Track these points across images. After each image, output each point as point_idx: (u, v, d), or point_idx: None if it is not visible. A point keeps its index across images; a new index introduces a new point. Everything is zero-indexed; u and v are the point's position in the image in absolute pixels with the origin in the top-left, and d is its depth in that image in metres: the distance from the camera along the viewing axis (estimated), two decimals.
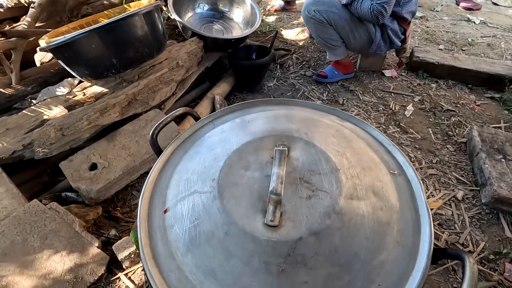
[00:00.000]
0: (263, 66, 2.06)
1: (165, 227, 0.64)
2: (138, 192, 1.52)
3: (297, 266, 0.54)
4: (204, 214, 0.61)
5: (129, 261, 1.18)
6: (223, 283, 0.54)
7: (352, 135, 0.76)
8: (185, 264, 0.58)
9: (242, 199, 0.61)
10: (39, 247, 1.09)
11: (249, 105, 0.91)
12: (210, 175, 0.66)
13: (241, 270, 0.54)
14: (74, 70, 1.49)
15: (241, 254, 0.55)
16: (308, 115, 0.83)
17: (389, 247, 0.57)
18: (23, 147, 1.38)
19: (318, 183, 0.62)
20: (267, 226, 0.57)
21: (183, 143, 0.83)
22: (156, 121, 1.63)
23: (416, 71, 2.35)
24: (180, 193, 0.67)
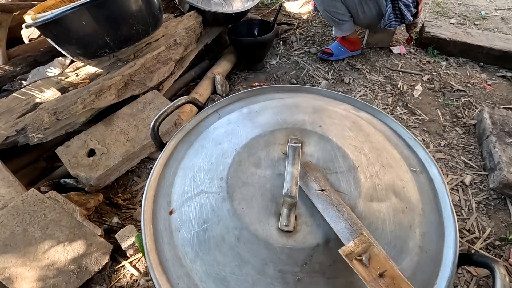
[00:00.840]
0: (266, 43, 1.95)
1: (172, 230, 0.60)
2: (139, 178, 1.48)
3: (315, 275, 0.50)
4: (213, 217, 0.57)
5: (133, 250, 1.17)
6: None
7: (370, 128, 0.71)
8: (195, 271, 0.55)
9: (253, 200, 0.57)
10: (40, 238, 1.07)
11: (257, 93, 0.85)
12: (218, 173, 0.61)
13: (255, 279, 0.51)
14: (65, 49, 1.39)
15: (255, 261, 0.52)
16: (321, 104, 0.77)
17: (411, 253, 0.54)
18: (17, 133, 1.32)
19: (335, 183, 0.58)
20: (281, 232, 0.53)
21: (187, 135, 0.78)
22: (154, 103, 1.55)
23: (426, 48, 2.24)
24: (186, 192, 0.63)
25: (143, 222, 0.61)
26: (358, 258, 0.46)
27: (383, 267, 0.45)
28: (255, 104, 0.79)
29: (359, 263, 0.46)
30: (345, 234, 0.50)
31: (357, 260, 0.46)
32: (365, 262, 0.46)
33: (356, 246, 0.47)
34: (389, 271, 0.45)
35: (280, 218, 0.54)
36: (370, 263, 0.46)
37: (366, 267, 0.45)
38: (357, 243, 0.47)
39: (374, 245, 0.47)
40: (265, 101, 0.80)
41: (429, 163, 0.67)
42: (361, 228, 0.50)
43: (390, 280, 0.44)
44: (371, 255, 0.46)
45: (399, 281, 0.44)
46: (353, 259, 0.46)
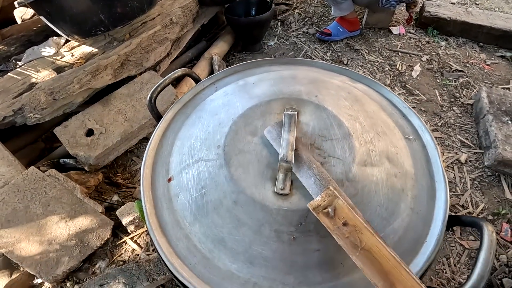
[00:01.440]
0: (264, 22, 1.92)
1: (170, 196, 0.62)
2: (138, 157, 1.49)
3: (309, 234, 0.53)
4: (211, 183, 0.58)
5: (133, 226, 1.19)
6: (234, 251, 0.54)
7: (365, 98, 0.71)
8: (193, 233, 0.57)
9: (250, 166, 0.58)
10: (42, 214, 1.08)
11: (253, 65, 0.84)
12: (215, 142, 0.63)
13: (252, 239, 0.53)
14: (59, 28, 1.37)
15: (251, 223, 0.54)
16: (317, 75, 0.77)
17: (403, 214, 0.56)
18: (14, 113, 1.31)
19: (330, 149, 0.59)
20: (277, 195, 0.55)
21: (184, 107, 0.78)
22: (152, 83, 1.54)
23: (426, 28, 2.21)
24: (184, 160, 0.64)
25: (143, 188, 0.62)
26: (324, 211, 0.49)
27: (346, 217, 0.48)
28: (251, 76, 0.79)
29: (325, 215, 0.49)
30: (314, 189, 0.52)
31: (323, 213, 0.49)
32: (331, 214, 0.49)
33: (323, 199, 0.50)
34: (352, 220, 0.48)
35: (276, 183, 0.55)
36: (335, 214, 0.49)
37: (332, 218, 0.49)
38: (323, 197, 0.50)
39: (339, 197, 0.50)
40: (261, 73, 0.80)
41: (423, 130, 0.68)
42: (329, 182, 0.53)
43: (352, 228, 0.48)
44: (336, 207, 0.49)
45: (360, 228, 0.48)
46: (319, 212, 0.49)
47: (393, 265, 0.44)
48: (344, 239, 0.47)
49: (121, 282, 0.99)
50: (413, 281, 0.43)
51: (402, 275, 0.44)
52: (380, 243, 0.47)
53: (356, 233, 0.47)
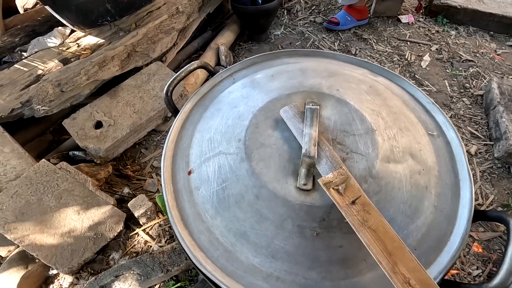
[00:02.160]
0: (271, 11, 1.88)
1: (191, 189, 0.62)
2: (147, 150, 1.49)
3: (332, 231, 0.53)
4: (232, 177, 0.58)
5: (145, 218, 1.20)
6: (256, 245, 0.54)
7: (387, 92, 0.70)
8: (215, 226, 0.57)
9: (271, 161, 0.58)
10: (55, 207, 1.09)
11: (271, 57, 0.83)
12: (235, 135, 0.62)
13: (274, 233, 0.53)
14: (64, 18, 1.34)
15: (274, 217, 0.54)
16: (337, 68, 0.75)
17: (427, 212, 0.55)
18: (22, 105, 1.30)
19: (353, 145, 0.58)
20: (299, 190, 0.54)
21: (202, 99, 0.77)
22: (159, 75, 1.52)
23: (435, 16, 2.16)
24: (204, 153, 0.64)
25: (164, 181, 0.62)
26: (335, 188, 0.50)
27: (356, 195, 0.49)
28: (270, 68, 0.78)
29: (336, 191, 0.50)
30: (325, 169, 0.53)
31: (334, 189, 0.50)
32: (341, 191, 0.50)
33: (335, 177, 0.51)
34: (361, 199, 0.50)
35: (298, 178, 0.55)
36: (345, 192, 0.50)
37: (342, 195, 0.50)
38: (335, 175, 0.51)
39: (351, 177, 0.51)
40: (280, 65, 0.78)
41: (447, 127, 0.67)
42: (340, 164, 0.53)
43: (360, 207, 0.49)
44: (347, 185, 0.51)
45: (369, 207, 0.49)
46: (330, 188, 0.50)
47: (397, 246, 0.46)
48: (352, 216, 0.48)
49: (136, 273, 1.01)
50: (414, 263, 0.45)
51: (405, 256, 0.45)
52: (386, 224, 0.48)
53: (364, 213, 0.48)
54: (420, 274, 0.44)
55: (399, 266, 0.44)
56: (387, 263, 0.44)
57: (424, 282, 0.43)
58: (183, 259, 1.04)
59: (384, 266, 0.44)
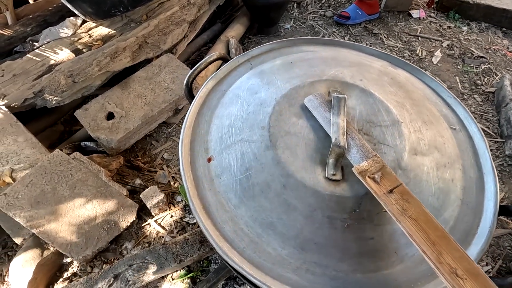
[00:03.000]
0: (282, 4, 1.86)
1: (212, 177, 0.60)
2: (157, 142, 1.49)
3: (363, 222, 0.52)
4: (256, 165, 0.56)
5: (157, 209, 1.21)
6: (284, 236, 0.53)
7: (409, 84, 0.69)
8: (239, 216, 0.56)
9: (297, 149, 0.56)
10: (69, 196, 1.10)
11: (289, 44, 0.81)
12: (258, 122, 0.60)
13: (303, 224, 0.52)
14: (77, 8, 1.33)
15: (302, 208, 0.53)
16: (358, 58, 0.74)
17: (453, 205, 0.55)
18: (34, 95, 1.31)
19: (380, 136, 0.58)
20: (328, 180, 0.53)
21: (219, 84, 0.74)
22: (170, 67, 1.52)
23: (447, 12, 2.14)
24: (225, 140, 0.62)
25: (183, 168, 0.60)
26: (370, 176, 0.49)
27: (393, 185, 0.48)
28: (288, 55, 0.76)
29: (372, 180, 0.49)
30: (356, 158, 0.52)
31: (370, 178, 0.49)
32: (377, 180, 0.49)
33: (370, 165, 0.50)
34: (399, 188, 0.48)
35: (327, 168, 0.54)
36: (381, 181, 0.49)
37: (378, 184, 0.49)
38: (370, 163, 0.50)
39: (386, 166, 0.50)
40: (298, 53, 0.77)
41: (469, 121, 0.67)
42: (372, 153, 0.52)
43: (398, 196, 0.47)
44: (383, 174, 0.49)
45: (408, 196, 0.47)
46: (366, 176, 0.49)
47: (441, 235, 0.44)
48: (391, 205, 0.46)
49: (149, 263, 1.02)
50: (460, 252, 0.43)
51: (450, 246, 0.43)
52: (428, 213, 0.46)
53: (403, 202, 0.47)
54: (467, 263, 0.42)
55: (444, 256, 0.42)
56: (432, 253, 0.42)
57: (472, 272, 0.41)
58: (195, 249, 1.06)
59: (428, 256, 0.42)
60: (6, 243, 1.17)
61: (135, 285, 1.00)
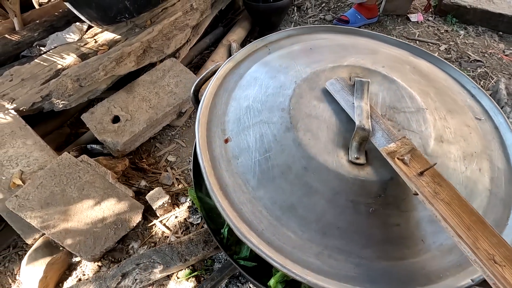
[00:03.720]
0: (283, 9, 1.90)
1: (229, 158, 0.58)
2: (161, 144, 1.53)
3: (389, 208, 0.50)
4: (276, 146, 0.55)
5: (162, 210, 1.25)
6: (305, 220, 0.51)
7: (431, 74, 0.68)
8: (258, 198, 0.53)
9: (319, 132, 0.55)
10: (77, 197, 1.14)
11: (307, 31, 0.80)
12: (278, 104, 0.59)
13: (325, 208, 0.50)
14: (84, 14, 1.37)
15: (324, 191, 0.51)
16: (378, 47, 0.73)
17: (482, 195, 0.54)
18: (42, 99, 1.35)
19: (404, 122, 0.56)
20: (352, 164, 0.52)
21: (236, 67, 0.73)
22: (173, 71, 1.56)
23: (445, 16, 2.18)
24: (243, 122, 0.60)
25: (199, 147, 0.58)
26: (400, 158, 0.47)
27: (423, 167, 0.46)
28: (307, 42, 0.75)
29: (401, 161, 0.47)
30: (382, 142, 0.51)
31: (399, 159, 0.47)
32: (407, 162, 0.47)
33: (398, 147, 0.48)
34: (430, 171, 0.46)
35: (350, 151, 0.52)
36: (411, 163, 0.47)
37: (407, 166, 0.46)
38: (399, 145, 0.48)
39: (416, 148, 0.48)
40: (317, 40, 0.75)
41: (495, 112, 0.66)
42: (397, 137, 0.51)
43: (430, 178, 0.45)
44: (413, 156, 0.47)
45: (440, 179, 0.45)
46: (395, 158, 0.47)
47: (476, 219, 0.42)
48: (422, 188, 0.44)
49: (156, 262, 1.06)
50: (498, 237, 0.40)
51: (486, 231, 0.41)
52: (461, 196, 0.44)
53: (435, 184, 0.44)
54: (505, 249, 0.39)
55: (481, 242, 0.39)
56: (468, 238, 0.39)
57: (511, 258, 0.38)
58: (200, 249, 1.09)
59: (464, 241, 0.39)
60: (16, 243, 1.21)
61: (142, 283, 1.04)
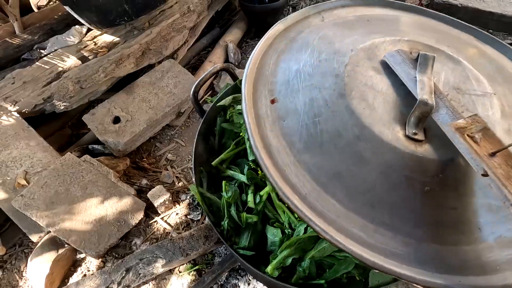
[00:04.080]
0: (278, 9, 1.94)
1: (274, 119, 0.56)
2: (161, 144, 1.57)
3: (446, 189, 0.47)
4: (327, 112, 0.53)
5: (164, 207, 1.29)
6: (352, 189, 0.49)
7: (498, 61, 0.65)
8: (303, 161, 0.51)
9: (374, 103, 0.52)
10: (81, 196, 1.18)
11: (363, 3, 0.77)
12: (331, 70, 0.56)
13: (376, 180, 0.48)
14: (83, 17, 1.40)
15: (377, 162, 0.48)
16: (440, 27, 0.70)
17: None
18: (44, 101, 1.38)
19: (469, 104, 0.53)
20: (409, 139, 0.49)
21: (286, 31, 0.70)
22: (172, 72, 1.59)
23: None
24: (291, 84, 0.59)
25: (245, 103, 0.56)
26: (470, 135, 0.44)
27: (496, 147, 0.43)
28: (363, 13, 0.73)
29: (471, 139, 0.43)
30: (445, 119, 0.48)
31: (469, 136, 0.44)
32: (477, 140, 0.43)
33: (469, 124, 0.45)
34: (503, 152, 0.42)
35: (408, 126, 0.49)
36: (482, 142, 0.43)
37: (478, 144, 0.43)
38: (469, 122, 0.45)
39: (489, 127, 0.45)
40: (374, 13, 0.73)
41: None
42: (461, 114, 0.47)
43: (502, 160, 0.41)
44: (484, 135, 0.44)
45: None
46: (464, 134, 0.44)
47: None
48: (494, 168, 0.40)
49: (158, 257, 1.10)
50: None
51: None
52: None
53: (508, 167, 0.40)
54: None
55: None
56: None
57: None
58: (200, 244, 1.14)
59: None
60: (22, 242, 1.25)
61: (145, 277, 1.08)
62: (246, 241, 0.68)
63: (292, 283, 0.65)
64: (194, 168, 0.78)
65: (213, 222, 0.72)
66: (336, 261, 0.63)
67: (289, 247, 0.64)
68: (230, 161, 0.84)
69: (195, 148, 0.81)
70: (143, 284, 1.11)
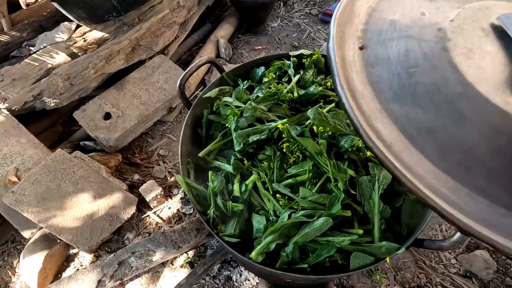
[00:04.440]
0: (268, 4, 1.94)
1: (362, 65, 0.54)
2: (153, 139, 1.57)
3: None
4: (425, 64, 0.51)
5: (156, 201, 1.30)
6: (446, 148, 0.46)
7: None
8: (390, 110, 0.49)
9: (481, 63, 0.50)
10: (73, 192, 1.18)
11: None
12: (433, 24, 0.54)
13: (476, 141, 0.46)
14: (72, 14, 1.40)
15: (480, 123, 0.46)
16: None
17: None
18: (33, 98, 1.38)
19: None
20: None
21: None
22: (163, 67, 1.60)
23: None
24: (384, 33, 0.56)
25: (333, 42, 0.54)
26: None
27: None
28: None
29: None
30: None
31: None
32: None
33: None
34: None
35: None
36: None
37: None
38: None
39: None
40: None
41: None
42: None
43: None
44: None
45: None
46: None
47: None
48: None
49: (151, 250, 1.11)
50: None
51: None
52: None
53: None
54: None
55: None
56: None
57: None
58: (192, 237, 1.15)
59: None
60: (14, 238, 1.25)
61: (138, 270, 1.10)
62: (232, 229, 0.70)
63: (277, 268, 0.66)
64: (181, 158, 0.78)
65: (199, 211, 0.73)
66: (319, 246, 0.65)
67: (273, 233, 0.65)
68: (217, 152, 0.85)
69: (182, 140, 0.82)
70: (136, 277, 1.13)
